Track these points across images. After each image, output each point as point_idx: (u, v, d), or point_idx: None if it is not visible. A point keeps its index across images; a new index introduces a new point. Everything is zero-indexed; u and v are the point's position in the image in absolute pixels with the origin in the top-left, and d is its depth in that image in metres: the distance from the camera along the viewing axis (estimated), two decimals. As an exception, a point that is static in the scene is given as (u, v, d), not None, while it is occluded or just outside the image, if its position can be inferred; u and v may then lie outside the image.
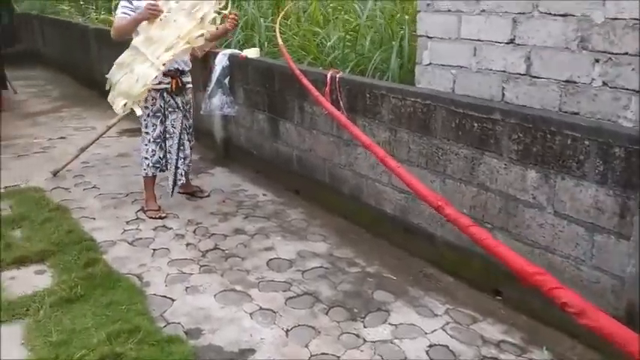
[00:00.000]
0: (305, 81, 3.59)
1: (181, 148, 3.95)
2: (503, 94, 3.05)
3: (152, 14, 3.47)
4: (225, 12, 3.84)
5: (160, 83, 3.70)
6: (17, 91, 8.36)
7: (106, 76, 3.77)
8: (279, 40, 4.53)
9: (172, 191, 3.99)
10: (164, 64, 3.52)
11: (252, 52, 4.61)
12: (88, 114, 6.99)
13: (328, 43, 5.05)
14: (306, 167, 4.12)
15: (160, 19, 3.51)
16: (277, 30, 4.89)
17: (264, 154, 4.60)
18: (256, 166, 4.71)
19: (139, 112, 3.62)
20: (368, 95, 3.39)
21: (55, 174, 4.65)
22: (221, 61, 4.72)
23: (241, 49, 5.71)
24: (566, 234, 2.44)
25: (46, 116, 6.92)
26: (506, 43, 2.98)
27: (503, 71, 3.01)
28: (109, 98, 3.75)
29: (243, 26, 5.92)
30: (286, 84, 4.13)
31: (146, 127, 3.79)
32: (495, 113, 2.64)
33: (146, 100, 3.71)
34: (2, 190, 4.34)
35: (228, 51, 4.81)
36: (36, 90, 8.66)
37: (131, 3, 3.60)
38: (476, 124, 2.73)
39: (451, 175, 2.93)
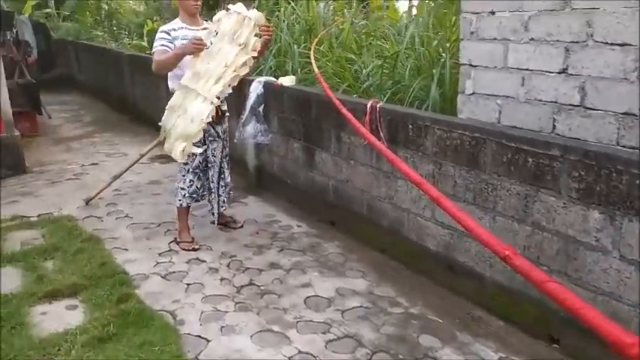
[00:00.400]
0: (344, 111, 3.49)
1: (222, 176, 3.88)
2: (554, 126, 2.89)
3: (197, 49, 3.42)
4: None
5: None
6: (52, 115, 8.48)
7: (159, 123, 3.65)
8: (315, 68, 4.46)
9: (217, 220, 3.96)
10: (218, 97, 3.50)
11: (287, 80, 4.53)
12: (120, 139, 7.00)
13: (364, 70, 4.96)
14: (342, 198, 3.99)
15: (204, 52, 3.47)
16: (312, 57, 4.83)
17: (298, 184, 4.49)
18: (290, 196, 4.60)
19: (198, 151, 3.61)
20: (410, 126, 3.25)
21: (87, 202, 4.61)
22: (256, 88, 4.66)
23: (275, 76, 5.65)
24: (633, 280, 2.25)
25: (79, 142, 6.95)
26: (558, 73, 2.83)
27: (555, 102, 2.86)
28: (166, 147, 3.62)
29: (276, 53, 5.89)
30: (323, 113, 4.04)
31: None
32: (553, 149, 2.47)
33: None
34: (36, 218, 4.31)
35: (263, 78, 4.75)
36: (70, 115, 8.77)
37: (169, 34, 3.56)
38: (530, 160, 2.57)
39: (502, 212, 2.76)
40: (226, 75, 3.48)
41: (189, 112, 3.44)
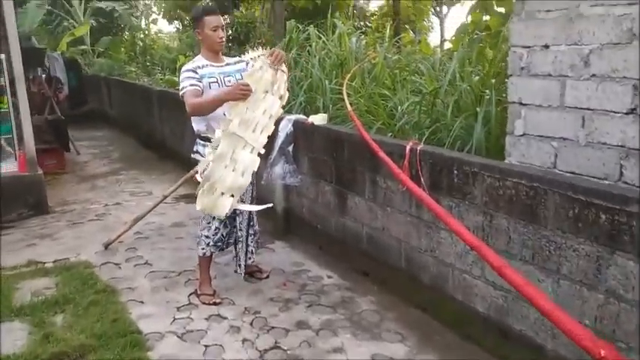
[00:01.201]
0: (381, 153, 3.18)
1: (251, 223, 3.59)
2: (622, 173, 2.52)
3: (244, 96, 3.10)
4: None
5: None
6: (80, 152, 8.41)
7: (200, 177, 3.18)
8: (348, 106, 4.18)
9: (243, 272, 3.65)
10: (264, 148, 3.24)
11: (319, 119, 4.25)
12: (146, 177, 6.82)
13: (399, 108, 4.65)
14: (377, 247, 3.64)
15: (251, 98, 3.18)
16: (345, 94, 4.56)
17: (329, 229, 4.16)
18: (320, 242, 4.27)
19: (247, 207, 3.36)
20: (456, 172, 2.91)
21: (106, 246, 4.36)
22: (285, 127, 4.39)
23: (305, 114, 5.39)
24: None
25: (104, 179, 6.80)
26: (626, 114, 2.48)
27: (622, 146, 2.50)
28: (205, 204, 3.12)
29: (307, 89, 5.65)
30: (357, 154, 3.73)
31: None
32: (632, 204, 2.10)
33: None
34: (51, 264, 4.08)
35: (293, 116, 4.49)
36: (98, 151, 8.69)
37: (195, 72, 3.32)
38: (604, 216, 2.19)
39: (567, 275, 2.37)
40: (270, 126, 3.22)
41: (239, 164, 3.09)
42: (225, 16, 13.11)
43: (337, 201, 4.02)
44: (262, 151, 3.19)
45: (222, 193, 3.08)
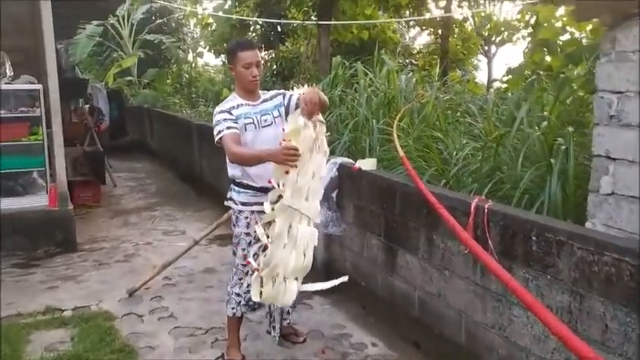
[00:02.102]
0: (442, 210, 2.74)
1: None
2: None
3: (291, 161, 2.59)
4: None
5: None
6: (117, 184, 8.24)
7: (258, 265, 2.69)
8: (400, 150, 3.77)
9: (277, 335, 3.26)
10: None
11: (367, 164, 3.85)
12: (181, 214, 6.53)
13: (454, 153, 4.21)
14: (431, 316, 3.15)
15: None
16: (395, 136, 4.17)
17: (374, 288, 3.70)
18: (364, 301, 3.81)
19: (319, 286, 2.83)
20: (535, 239, 2.44)
21: (131, 294, 4.02)
22: (329, 170, 4.00)
23: (349, 153, 5.02)
24: None
25: (138, 215, 6.54)
26: None
27: None
28: (269, 294, 2.65)
29: (352, 128, 5.28)
30: (410, 206, 3.29)
31: (244, 258, 3.03)
32: None
33: (248, 225, 3.01)
34: (70, 312, 3.75)
35: (338, 159, 4.11)
36: (135, 184, 8.51)
37: (230, 113, 2.97)
38: None
39: (690, 385, 1.85)
40: (320, 190, 2.81)
41: (299, 241, 2.62)
42: (270, 51, 13.06)
43: (385, 257, 3.58)
44: (318, 221, 2.75)
45: (285, 278, 2.61)
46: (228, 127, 2.90)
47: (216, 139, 2.95)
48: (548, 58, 5.98)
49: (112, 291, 4.12)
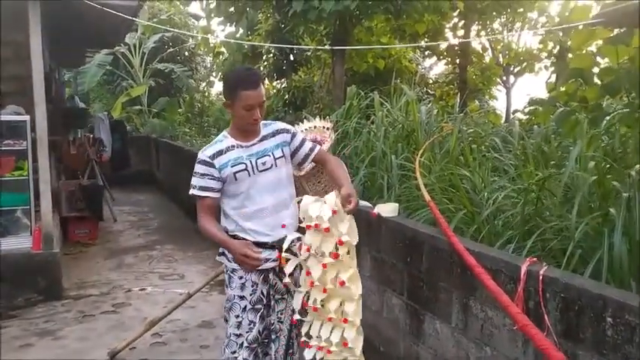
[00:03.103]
0: (483, 274, 2.20)
1: (290, 351, 2.61)
2: None
3: (248, 266, 2.46)
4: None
5: (264, 261, 2.49)
6: (117, 219, 7.77)
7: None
8: (425, 194, 3.25)
9: None
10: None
11: (387, 209, 3.31)
12: (181, 255, 6.02)
13: (485, 195, 3.67)
14: (467, 399, 2.58)
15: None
16: (419, 175, 3.67)
17: (395, 356, 3.13)
18: (383, 371, 3.23)
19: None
20: (610, 320, 1.88)
21: (112, 356, 3.48)
22: (342, 215, 3.49)
23: (365, 190, 4.51)
24: None
25: (135, 255, 6.03)
26: None
27: None
28: None
29: (368, 163, 4.77)
30: (440, 263, 2.75)
31: (238, 326, 2.50)
32: None
33: (242, 287, 2.50)
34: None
35: (354, 203, 3.58)
36: (136, 219, 8.03)
37: (212, 165, 2.44)
38: None
39: None
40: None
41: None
42: (282, 80, 12.70)
43: (410, 321, 3.01)
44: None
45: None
46: (201, 187, 2.46)
47: (190, 192, 2.49)
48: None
49: (93, 350, 3.59)
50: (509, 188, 3.51)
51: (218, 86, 18.93)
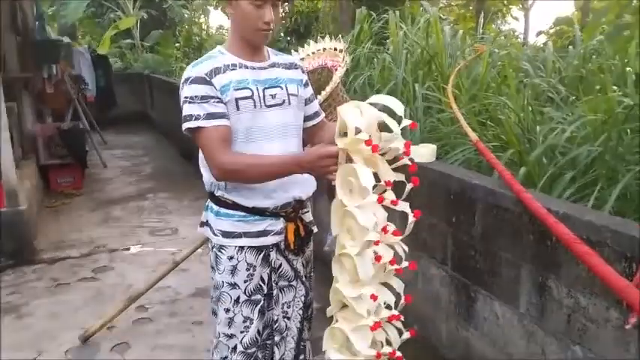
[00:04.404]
0: (592, 258, 1.48)
1: (301, 357, 1.92)
2: None
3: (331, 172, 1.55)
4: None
5: (262, 235, 1.76)
6: (107, 164, 7.06)
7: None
8: (470, 132, 2.50)
9: None
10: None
11: (422, 153, 2.53)
12: (175, 204, 5.34)
13: (538, 128, 2.90)
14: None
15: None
16: (453, 104, 2.93)
17: (436, 340, 2.47)
18: (419, 355, 2.58)
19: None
20: None
21: (84, 340, 2.86)
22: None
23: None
24: None
25: (124, 206, 5.36)
26: None
27: None
28: None
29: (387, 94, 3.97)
30: (501, 227, 2.02)
31: (229, 324, 1.79)
32: None
33: (233, 272, 1.77)
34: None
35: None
36: (129, 163, 7.31)
37: (209, 82, 1.66)
38: None
39: None
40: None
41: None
42: (285, 5, 11.62)
43: (455, 299, 2.33)
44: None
45: None
46: (209, 115, 1.65)
47: (186, 127, 1.70)
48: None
49: (63, 333, 2.96)
50: (569, 120, 2.73)
51: (215, 16, 17.70)
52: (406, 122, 1.61)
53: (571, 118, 2.91)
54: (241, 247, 1.75)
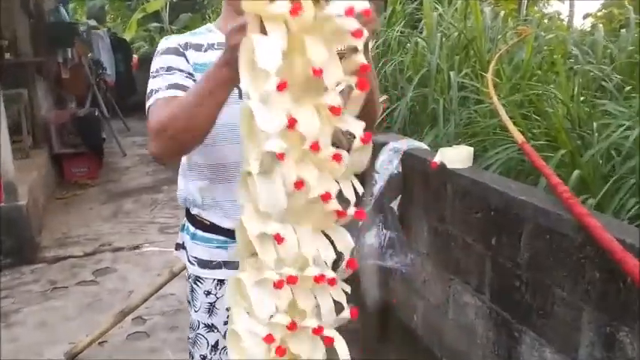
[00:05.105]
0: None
1: None
2: None
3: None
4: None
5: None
6: (127, 152, 6.83)
7: None
8: (515, 132, 2.08)
9: None
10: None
11: (456, 157, 2.11)
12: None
13: (595, 124, 2.44)
14: None
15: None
16: (494, 96, 2.51)
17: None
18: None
19: None
20: None
21: (71, 358, 2.56)
22: (387, 163, 2.37)
23: (414, 120, 3.46)
24: None
25: (137, 198, 5.09)
26: None
27: None
28: None
29: (417, 83, 3.54)
30: (556, 256, 1.59)
31: None
32: None
33: (210, 311, 1.44)
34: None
35: (402, 143, 2.42)
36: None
37: (182, 54, 1.29)
38: None
39: None
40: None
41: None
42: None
43: (495, 335, 1.92)
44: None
45: None
46: (171, 85, 1.24)
47: (148, 104, 1.30)
48: None
49: (50, 347, 2.68)
50: (627, 114, 2.27)
51: None
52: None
53: (630, 112, 2.45)
54: (220, 281, 1.39)
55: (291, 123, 0.89)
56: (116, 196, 5.18)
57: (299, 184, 0.94)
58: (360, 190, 1.04)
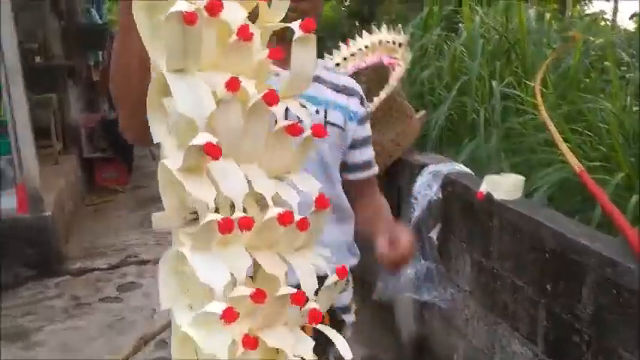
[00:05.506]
0: None
1: None
2: None
3: None
4: None
5: None
6: (156, 155, 6.76)
7: None
8: (572, 158, 1.86)
9: None
10: None
11: (504, 186, 1.90)
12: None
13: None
14: None
15: None
16: (543, 110, 2.29)
17: None
18: None
19: None
20: None
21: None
22: (425, 186, 2.18)
23: (450, 134, 3.29)
24: None
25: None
26: None
27: None
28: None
29: (456, 92, 3.32)
30: (627, 312, 1.38)
31: None
32: None
33: None
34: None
35: (444, 167, 2.23)
36: (179, 155, 7.00)
37: None
38: None
39: None
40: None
41: None
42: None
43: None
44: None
45: None
46: None
47: None
48: None
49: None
50: None
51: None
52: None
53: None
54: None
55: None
56: (144, 202, 5.09)
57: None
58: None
